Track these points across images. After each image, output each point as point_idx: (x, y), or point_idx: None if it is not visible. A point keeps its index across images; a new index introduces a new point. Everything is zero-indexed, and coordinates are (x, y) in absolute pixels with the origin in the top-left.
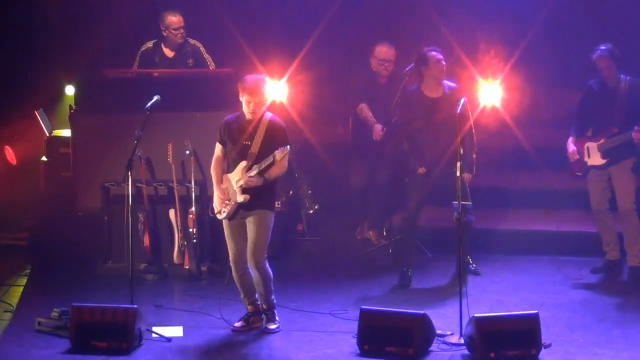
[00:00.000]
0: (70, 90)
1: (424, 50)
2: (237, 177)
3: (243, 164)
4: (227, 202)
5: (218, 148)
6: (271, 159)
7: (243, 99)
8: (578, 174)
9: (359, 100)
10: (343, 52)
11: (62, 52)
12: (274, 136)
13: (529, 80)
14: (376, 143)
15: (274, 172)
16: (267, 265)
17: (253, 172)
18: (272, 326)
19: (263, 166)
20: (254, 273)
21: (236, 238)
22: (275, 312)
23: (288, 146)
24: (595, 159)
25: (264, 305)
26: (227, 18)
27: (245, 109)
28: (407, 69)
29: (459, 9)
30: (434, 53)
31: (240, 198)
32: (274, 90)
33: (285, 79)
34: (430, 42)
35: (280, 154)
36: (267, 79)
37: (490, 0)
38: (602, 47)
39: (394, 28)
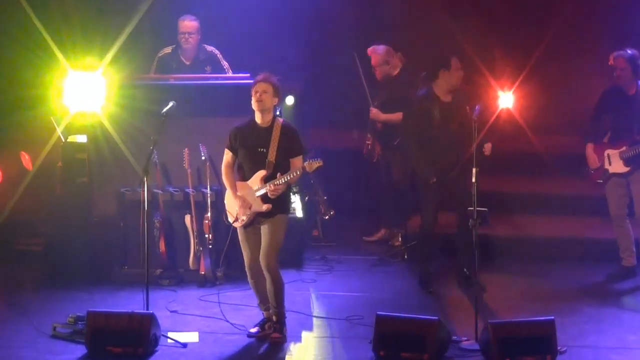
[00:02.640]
0: (88, 96)
1: (447, 54)
2: (256, 186)
3: (262, 173)
4: (247, 210)
5: (228, 155)
6: (301, 170)
7: (252, 92)
8: (599, 181)
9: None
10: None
11: (78, 56)
12: (289, 142)
13: (544, 85)
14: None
15: (294, 179)
16: (279, 269)
17: (280, 182)
18: (277, 335)
19: (290, 177)
20: (265, 276)
21: (251, 244)
22: (285, 325)
23: (319, 159)
24: (617, 166)
25: (274, 317)
26: (240, 22)
27: (253, 102)
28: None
29: (473, 14)
30: (456, 59)
31: (262, 207)
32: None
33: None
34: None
35: (310, 166)
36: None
37: (504, 5)
38: (625, 50)
39: (408, 35)
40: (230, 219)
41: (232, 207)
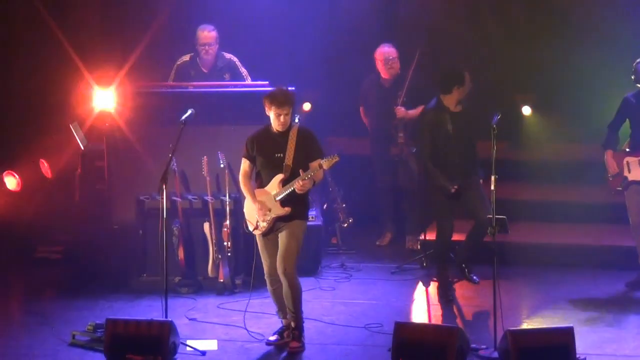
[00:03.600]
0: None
1: (461, 70)
2: (274, 191)
3: (279, 177)
4: (266, 215)
5: (246, 163)
6: (318, 168)
7: (271, 112)
8: (618, 189)
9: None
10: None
11: (97, 64)
12: (306, 146)
13: (564, 92)
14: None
15: (319, 175)
16: (296, 275)
17: (306, 177)
18: (295, 344)
19: (314, 173)
20: (282, 282)
21: (270, 251)
22: (303, 332)
23: (336, 154)
24: (636, 173)
25: (292, 323)
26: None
27: (274, 121)
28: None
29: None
30: (467, 74)
31: (281, 211)
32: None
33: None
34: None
35: (328, 163)
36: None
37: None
38: None
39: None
40: (250, 227)
41: (252, 214)
